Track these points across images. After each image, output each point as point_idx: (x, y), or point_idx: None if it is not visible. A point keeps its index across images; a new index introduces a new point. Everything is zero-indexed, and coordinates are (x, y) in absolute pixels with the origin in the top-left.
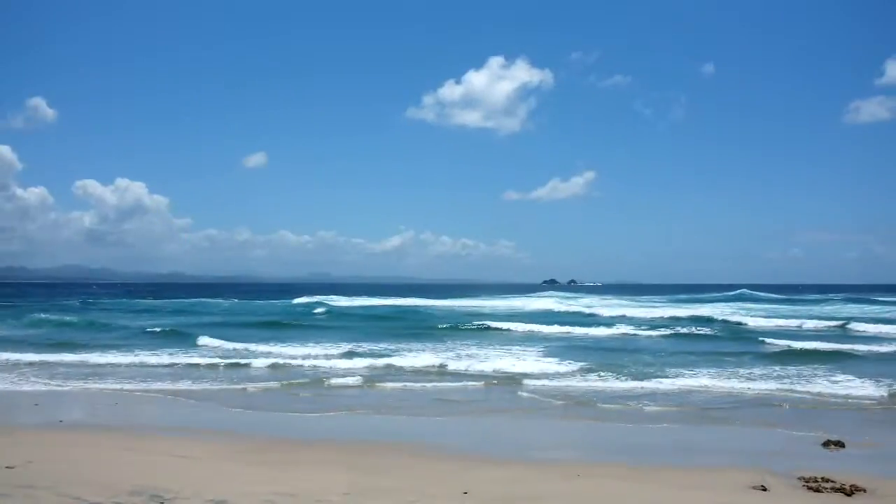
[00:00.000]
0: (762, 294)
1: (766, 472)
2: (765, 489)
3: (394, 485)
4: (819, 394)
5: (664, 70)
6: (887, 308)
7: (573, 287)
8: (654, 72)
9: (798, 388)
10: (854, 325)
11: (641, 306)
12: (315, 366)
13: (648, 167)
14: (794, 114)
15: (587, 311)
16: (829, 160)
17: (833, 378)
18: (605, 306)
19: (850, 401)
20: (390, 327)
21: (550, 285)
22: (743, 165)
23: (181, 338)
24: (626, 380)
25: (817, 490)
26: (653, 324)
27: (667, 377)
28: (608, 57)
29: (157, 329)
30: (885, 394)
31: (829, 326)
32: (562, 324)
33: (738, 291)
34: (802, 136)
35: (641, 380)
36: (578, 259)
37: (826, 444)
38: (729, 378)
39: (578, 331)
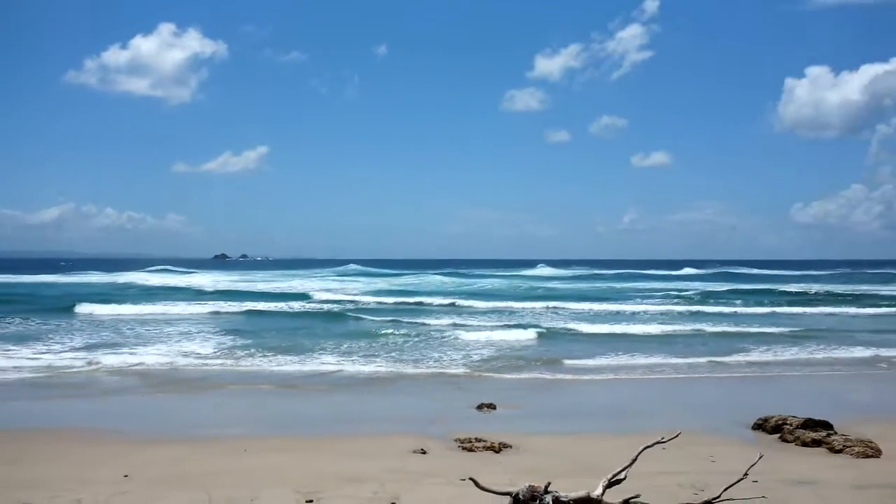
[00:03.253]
0: (372, 269)
1: (426, 437)
2: (424, 452)
3: (48, 474)
4: (428, 367)
5: (339, 49)
6: (484, 280)
7: (244, 262)
8: (329, 50)
9: (409, 364)
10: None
11: (249, 281)
12: None
13: (323, 145)
14: (459, 99)
15: (194, 287)
16: (489, 144)
17: (429, 353)
18: (213, 283)
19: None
20: None
21: (221, 260)
22: (412, 145)
23: None
24: (268, 355)
25: (471, 450)
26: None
27: (298, 355)
28: (283, 33)
29: None
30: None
31: (405, 302)
32: (173, 301)
33: (346, 266)
34: (467, 120)
35: (271, 356)
36: (251, 233)
37: (480, 406)
38: (348, 356)
39: (197, 308)
